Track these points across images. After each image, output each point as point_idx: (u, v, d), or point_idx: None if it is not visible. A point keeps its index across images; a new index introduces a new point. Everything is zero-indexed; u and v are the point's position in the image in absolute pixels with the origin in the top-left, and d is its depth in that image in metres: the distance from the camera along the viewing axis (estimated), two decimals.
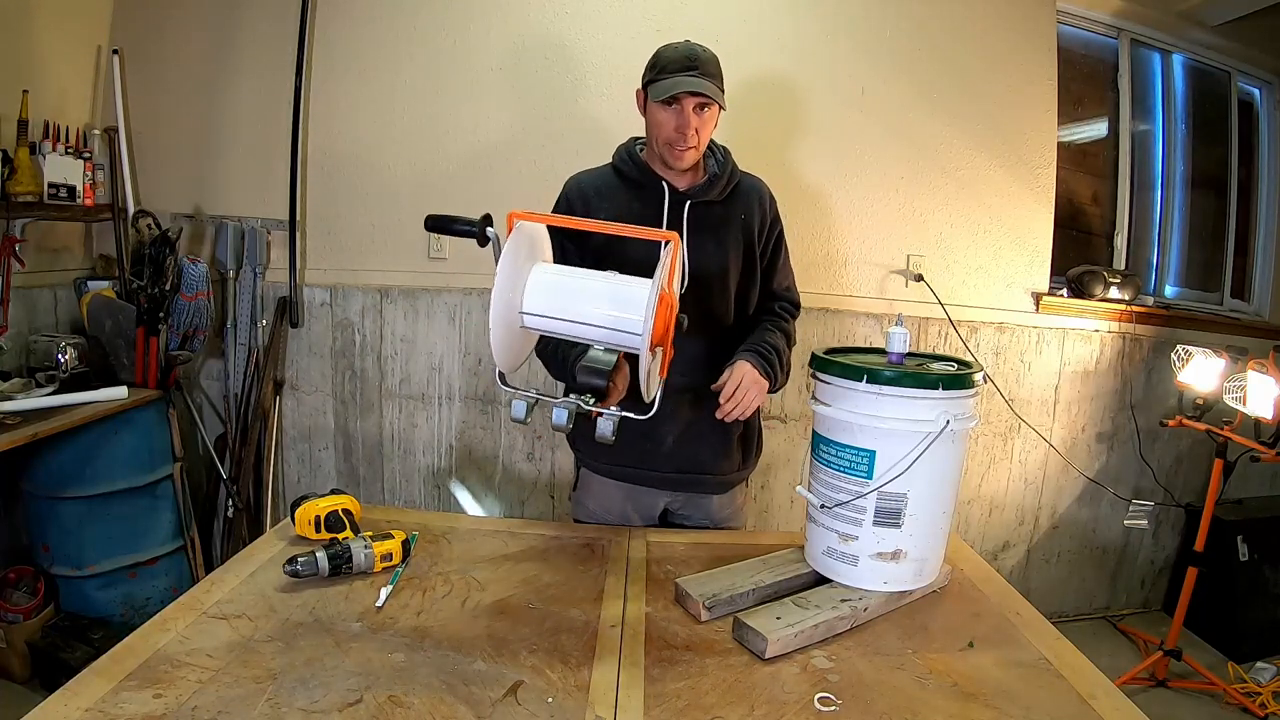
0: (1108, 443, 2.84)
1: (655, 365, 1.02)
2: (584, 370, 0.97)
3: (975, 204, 2.62)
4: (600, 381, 0.97)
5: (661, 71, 1.34)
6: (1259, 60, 3.07)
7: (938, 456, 1.07)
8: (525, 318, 0.99)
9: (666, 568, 1.25)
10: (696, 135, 1.35)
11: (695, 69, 1.32)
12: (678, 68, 1.32)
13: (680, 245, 1.02)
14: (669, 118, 1.34)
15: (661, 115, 1.35)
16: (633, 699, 0.88)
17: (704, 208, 1.42)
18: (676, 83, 1.31)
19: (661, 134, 1.36)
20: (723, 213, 1.44)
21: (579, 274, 1.02)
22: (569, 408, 0.96)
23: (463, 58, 2.43)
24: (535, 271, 1.00)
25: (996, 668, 0.98)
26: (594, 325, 0.97)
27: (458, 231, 1.02)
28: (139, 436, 2.16)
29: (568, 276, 1.02)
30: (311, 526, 1.24)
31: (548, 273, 1.01)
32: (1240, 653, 2.63)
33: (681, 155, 1.37)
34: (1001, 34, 2.57)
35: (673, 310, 1.00)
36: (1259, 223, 3.17)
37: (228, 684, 0.86)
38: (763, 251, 1.50)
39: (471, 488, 2.61)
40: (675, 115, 1.34)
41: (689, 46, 1.36)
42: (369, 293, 2.50)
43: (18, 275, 2.09)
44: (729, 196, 1.45)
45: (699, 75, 1.32)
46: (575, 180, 1.48)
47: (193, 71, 2.42)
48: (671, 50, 1.36)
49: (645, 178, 1.42)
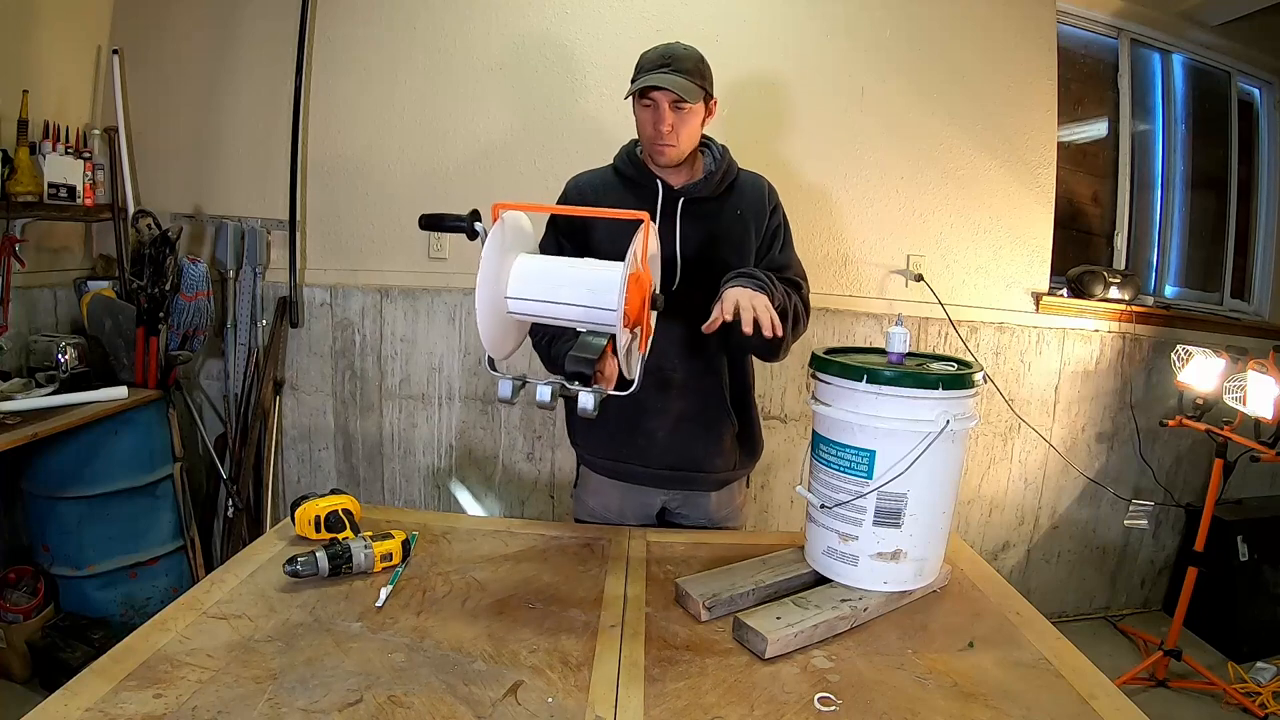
0: (1108, 443, 2.84)
1: (635, 343, 1.07)
2: (574, 359, 1.01)
3: (975, 204, 2.62)
4: (588, 369, 1.01)
5: (638, 70, 1.35)
6: (1259, 60, 3.07)
7: (938, 456, 1.07)
8: (510, 303, 1.05)
9: (666, 568, 1.25)
10: (674, 133, 1.35)
11: (668, 66, 1.32)
12: (652, 66, 1.34)
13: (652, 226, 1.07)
14: (646, 116, 1.36)
15: (641, 114, 1.37)
16: (633, 699, 0.88)
17: (698, 204, 1.42)
18: (645, 79, 1.32)
19: (642, 132, 1.39)
20: (717, 209, 1.44)
21: (559, 260, 1.09)
22: (552, 386, 1.02)
23: (463, 58, 2.43)
24: (519, 260, 1.06)
25: (996, 668, 0.98)
26: (572, 305, 1.02)
27: (449, 227, 1.08)
28: (139, 436, 2.16)
29: (548, 263, 1.08)
30: (311, 526, 1.24)
31: (529, 260, 1.07)
32: (1240, 653, 2.63)
33: (662, 152, 1.37)
34: (1001, 34, 2.57)
35: (647, 289, 1.04)
36: (1259, 223, 3.17)
37: (228, 684, 0.86)
38: (759, 245, 1.49)
39: (471, 488, 2.61)
40: (651, 113, 1.35)
41: (669, 46, 1.36)
42: (369, 293, 2.50)
43: (18, 275, 2.09)
44: (725, 193, 1.45)
45: (671, 72, 1.32)
46: (574, 181, 1.51)
47: (193, 71, 2.42)
48: (652, 50, 1.37)
49: (641, 176, 1.44)
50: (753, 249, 1.47)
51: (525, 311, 1.06)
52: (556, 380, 1.03)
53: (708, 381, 1.46)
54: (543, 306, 1.04)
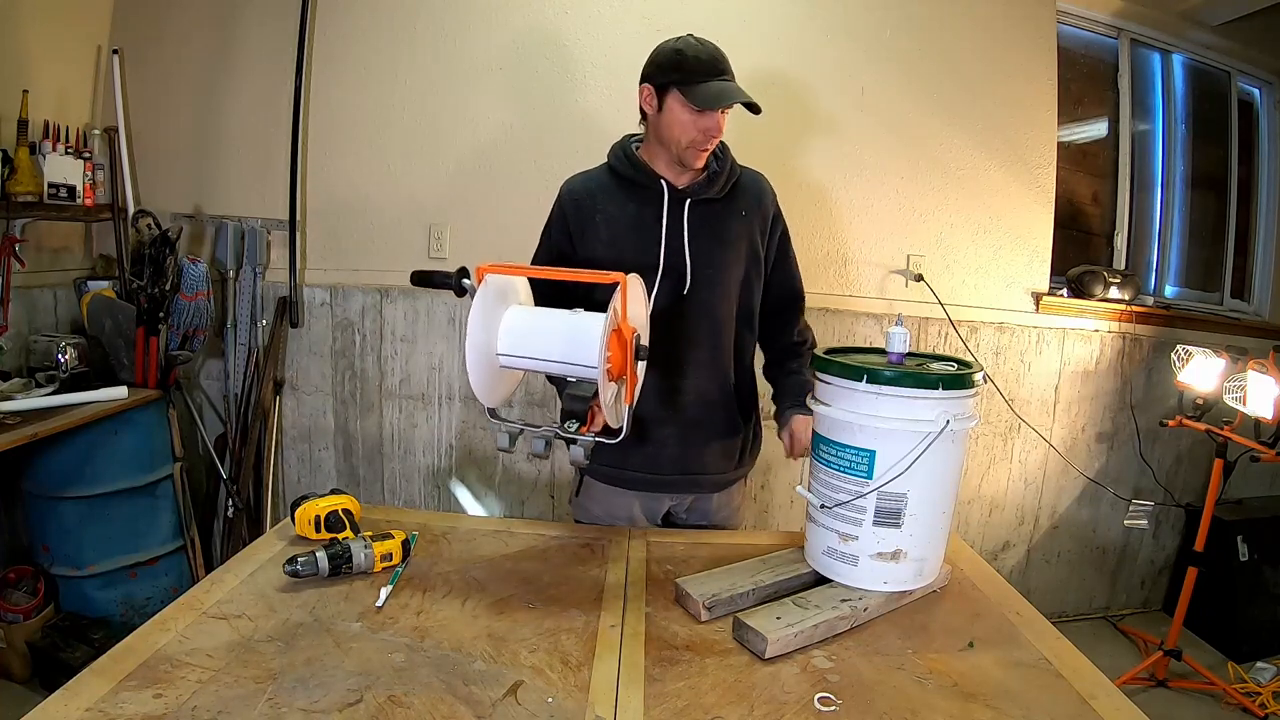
0: (1108, 443, 2.84)
1: (621, 392, 1.11)
2: (568, 397, 1.07)
3: (975, 204, 2.62)
4: (583, 407, 1.07)
5: (692, 74, 1.30)
6: (1259, 60, 3.07)
7: (938, 456, 1.07)
8: (501, 358, 1.10)
9: (666, 568, 1.25)
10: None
11: (728, 74, 1.32)
12: (711, 71, 1.30)
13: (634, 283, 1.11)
14: (699, 121, 1.31)
15: (688, 117, 1.31)
16: (633, 699, 0.88)
17: (705, 205, 1.40)
18: (725, 90, 1.30)
19: (685, 135, 1.33)
20: (724, 210, 1.42)
21: (543, 314, 1.13)
22: (546, 437, 1.09)
23: (463, 58, 2.43)
24: (506, 316, 1.10)
25: (996, 668, 0.98)
26: (557, 362, 1.08)
27: (438, 285, 1.13)
28: (139, 436, 2.16)
29: (533, 317, 1.13)
30: (311, 526, 1.24)
31: (516, 315, 1.11)
32: (1240, 653, 2.63)
33: (701, 156, 1.36)
34: (1001, 34, 2.57)
35: (629, 344, 1.07)
36: (1259, 223, 3.17)
37: (228, 684, 0.86)
38: (767, 247, 1.47)
39: (471, 487, 2.61)
40: (708, 119, 1.31)
41: (707, 47, 1.33)
42: (369, 293, 2.50)
43: (18, 275, 2.09)
44: (729, 193, 1.43)
45: (732, 80, 1.32)
46: (569, 185, 1.46)
47: (193, 71, 2.42)
48: (693, 50, 1.31)
49: (643, 177, 1.39)
50: (759, 249, 1.45)
51: (517, 365, 1.11)
52: (549, 430, 1.09)
53: (717, 387, 1.45)
54: (531, 363, 1.10)
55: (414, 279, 1.15)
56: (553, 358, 1.07)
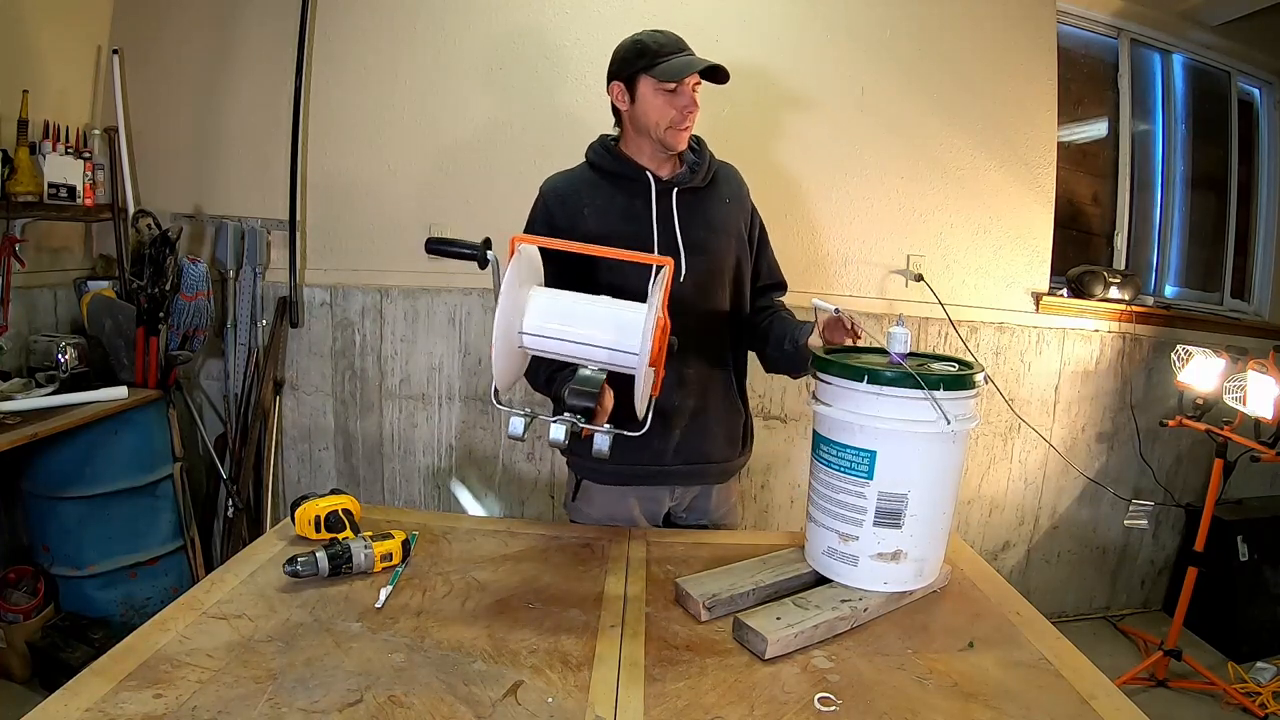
0: (1108, 443, 2.84)
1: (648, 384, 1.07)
2: (574, 392, 1.02)
3: (975, 204, 2.62)
4: (590, 402, 1.01)
5: (656, 56, 1.34)
6: (1259, 60, 3.07)
7: (938, 457, 1.07)
8: (524, 338, 1.04)
9: (666, 568, 1.25)
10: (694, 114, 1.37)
11: (688, 51, 1.35)
12: (674, 50, 1.34)
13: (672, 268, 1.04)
14: (673, 100, 1.35)
15: (661, 99, 1.35)
16: (633, 699, 0.88)
17: (690, 194, 1.42)
18: (690, 61, 1.33)
19: (663, 117, 1.35)
20: (709, 197, 1.45)
21: (578, 298, 1.07)
22: (566, 425, 1.01)
23: (463, 58, 2.43)
24: (535, 294, 1.04)
25: (996, 668, 0.98)
26: (594, 346, 1.02)
27: (458, 255, 1.06)
28: (139, 436, 2.16)
29: (569, 300, 1.07)
30: (311, 526, 1.24)
31: (548, 296, 1.06)
32: (1240, 653, 2.63)
33: (682, 136, 1.38)
34: (1001, 34, 2.57)
35: (666, 333, 1.04)
36: (1259, 223, 3.17)
37: (228, 684, 0.86)
38: (749, 235, 1.50)
39: (471, 488, 2.61)
40: (680, 97, 1.35)
41: (665, 33, 1.37)
42: (369, 293, 2.50)
43: (18, 275, 2.09)
44: (712, 181, 1.46)
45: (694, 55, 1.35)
46: (551, 183, 1.46)
47: (193, 71, 2.42)
48: (651, 36, 1.36)
49: (628, 169, 1.41)
50: (744, 235, 1.48)
51: (539, 347, 1.05)
52: (568, 419, 1.01)
53: (717, 374, 1.47)
54: (561, 345, 1.03)
55: (429, 247, 1.08)
56: (589, 340, 1.02)
